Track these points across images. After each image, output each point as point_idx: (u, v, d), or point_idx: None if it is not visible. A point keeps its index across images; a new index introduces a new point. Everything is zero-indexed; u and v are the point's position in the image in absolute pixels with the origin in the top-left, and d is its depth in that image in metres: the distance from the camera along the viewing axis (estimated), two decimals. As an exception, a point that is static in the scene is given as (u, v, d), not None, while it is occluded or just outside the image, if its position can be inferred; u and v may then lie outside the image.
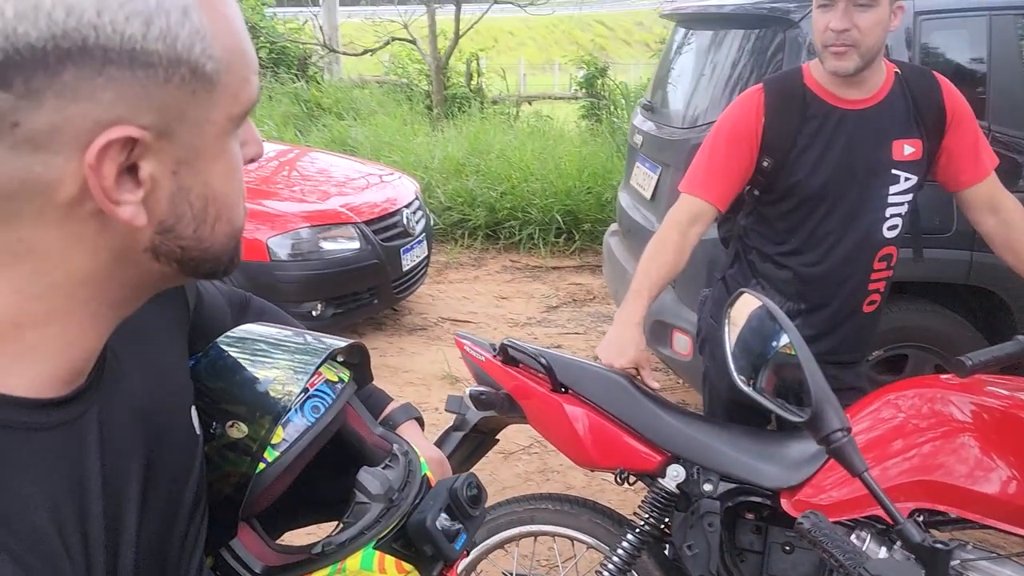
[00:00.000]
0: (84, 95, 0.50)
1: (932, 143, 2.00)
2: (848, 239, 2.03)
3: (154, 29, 0.51)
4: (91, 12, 0.49)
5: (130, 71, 0.51)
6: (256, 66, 0.60)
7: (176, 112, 0.54)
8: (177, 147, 0.55)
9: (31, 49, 0.48)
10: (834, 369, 2.16)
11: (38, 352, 0.58)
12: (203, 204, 0.59)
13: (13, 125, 0.49)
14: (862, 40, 1.88)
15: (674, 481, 1.79)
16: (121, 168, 0.53)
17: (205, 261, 0.62)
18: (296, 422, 0.86)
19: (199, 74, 0.54)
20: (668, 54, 4.17)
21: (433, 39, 10.78)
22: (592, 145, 8.03)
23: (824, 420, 1.11)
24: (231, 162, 0.60)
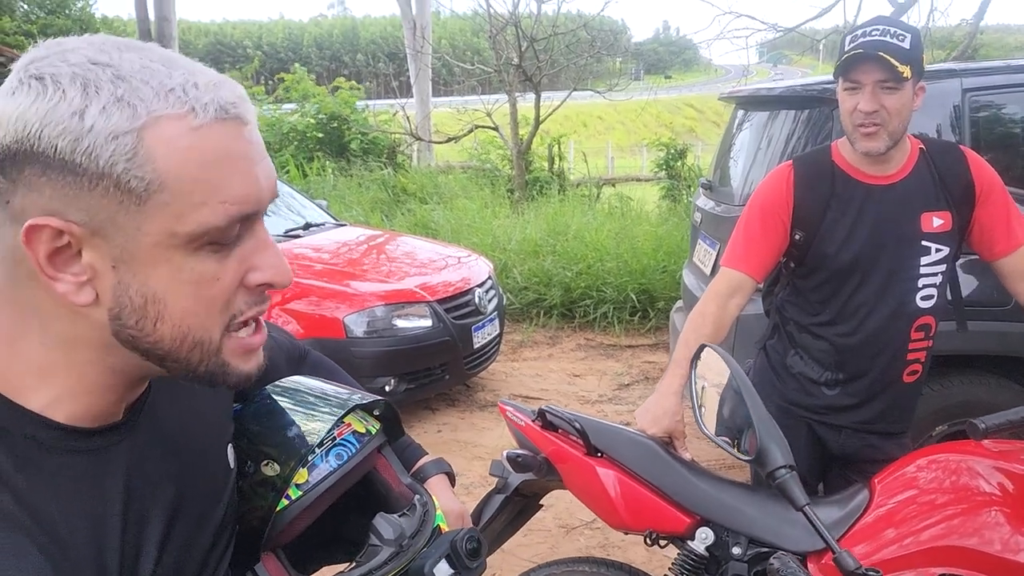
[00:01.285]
0: (35, 188, 0.63)
1: (962, 215, 2.04)
2: (881, 310, 2.07)
3: (80, 146, 0.62)
4: (36, 127, 0.62)
5: (62, 176, 0.63)
6: (237, 197, 0.67)
7: (106, 216, 0.64)
8: (112, 246, 0.65)
9: (11, 150, 0.63)
10: (876, 439, 2.18)
11: (70, 393, 0.71)
12: (143, 302, 0.68)
13: (6, 203, 0.65)
14: (890, 120, 1.95)
15: (703, 544, 1.82)
16: (54, 250, 0.65)
17: (163, 358, 0.71)
18: (321, 466, 0.97)
19: (124, 188, 0.64)
20: (727, 135, 4.29)
21: (514, 126, 11.17)
22: (668, 225, 8.13)
23: (769, 457, 1.17)
24: (180, 275, 0.68)
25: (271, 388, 1.06)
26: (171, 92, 0.64)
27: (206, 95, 0.66)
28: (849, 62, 1.94)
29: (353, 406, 1.04)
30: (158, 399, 0.82)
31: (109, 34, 0.70)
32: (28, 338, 0.70)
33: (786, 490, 1.16)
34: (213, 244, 0.68)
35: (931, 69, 3.26)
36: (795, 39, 11.70)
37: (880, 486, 1.79)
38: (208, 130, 0.65)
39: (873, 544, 1.69)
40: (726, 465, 4.15)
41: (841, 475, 2.25)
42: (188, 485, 0.83)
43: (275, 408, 1.03)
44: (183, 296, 0.69)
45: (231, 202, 0.67)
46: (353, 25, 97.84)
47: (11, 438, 0.68)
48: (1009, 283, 2.08)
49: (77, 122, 0.62)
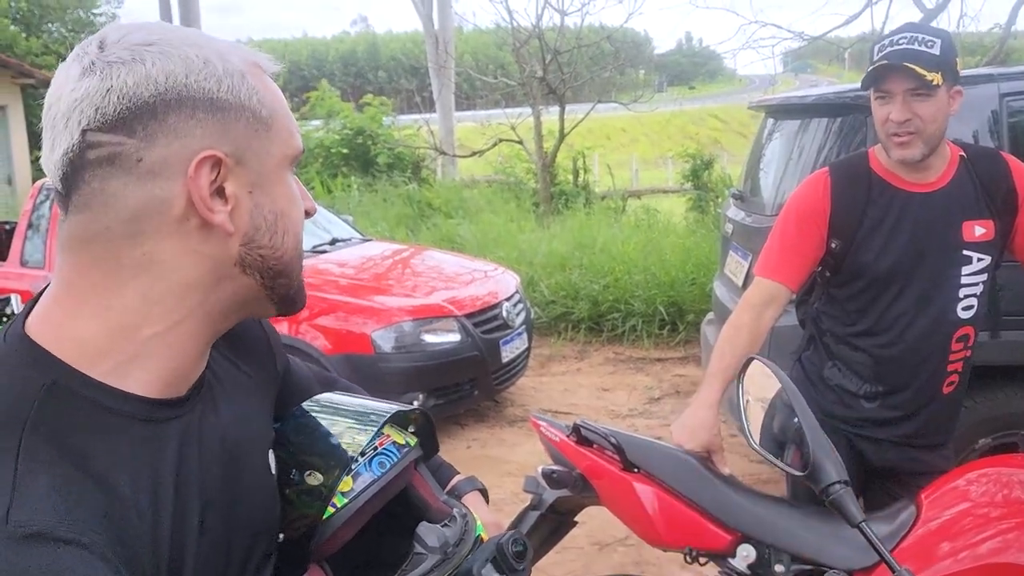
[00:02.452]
0: (183, 133, 0.70)
1: (1004, 223, 1.99)
2: (921, 320, 2.02)
3: (224, 85, 0.72)
4: (182, 75, 0.70)
5: (211, 114, 0.72)
6: (295, 126, 0.81)
7: (246, 144, 0.74)
8: (250, 172, 0.75)
9: (145, 104, 0.69)
10: (918, 452, 2.13)
11: (152, 353, 0.75)
12: (274, 219, 0.77)
13: (138, 161, 0.70)
14: (924, 128, 1.90)
15: (745, 561, 1.78)
16: (212, 184, 0.72)
17: (281, 274, 0.80)
18: (364, 475, 0.97)
19: (258, 117, 0.75)
20: (758, 144, 4.24)
21: (539, 139, 11.18)
22: (696, 236, 8.07)
23: (823, 473, 1.13)
24: (290, 190, 0.80)
25: (306, 405, 1.07)
26: (234, 50, 0.76)
27: (251, 56, 0.78)
28: (876, 73, 1.90)
29: (395, 411, 1.04)
30: (214, 389, 0.85)
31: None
32: (120, 299, 0.73)
33: (841, 506, 1.12)
34: (294, 167, 0.81)
35: (967, 74, 3.20)
36: (820, 48, 11.62)
37: (928, 501, 1.74)
38: (267, 78, 0.78)
39: (923, 561, 1.64)
40: (761, 480, 4.08)
41: (882, 488, 2.19)
42: (230, 477, 0.84)
43: (312, 422, 1.04)
44: (293, 208, 0.80)
45: (296, 134, 0.80)
46: (374, 41, 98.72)
47: (76, 403, 0.71)
48: None
49: (212, 68, 0.72)
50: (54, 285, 0.76)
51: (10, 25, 16.70)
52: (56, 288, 0.76)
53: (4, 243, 6.15)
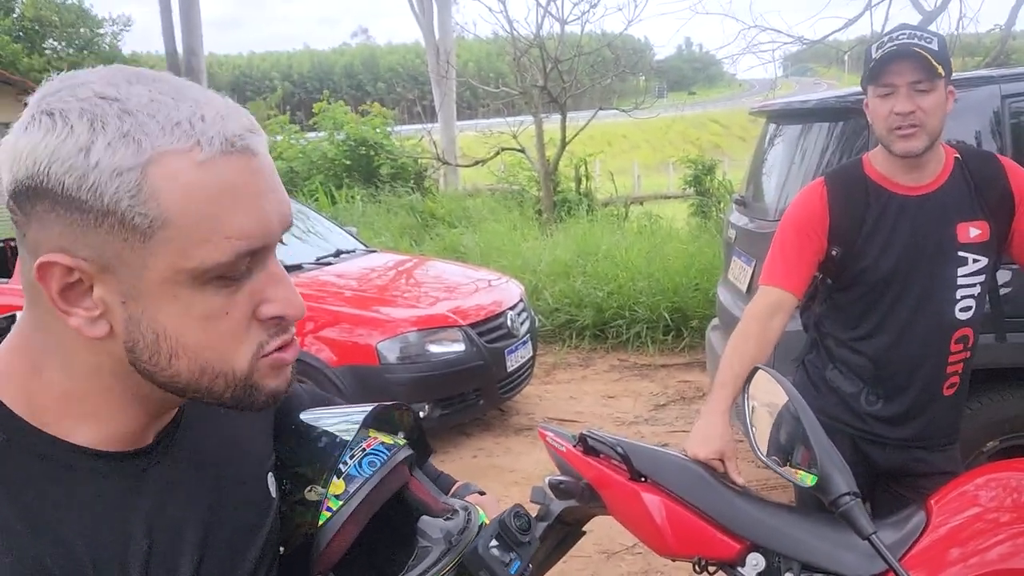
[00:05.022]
0: (46, 224, 0.64)
1: (1000, 225, 1.99)
2: (920, 322, 2.03)
3: (86, 183, 0.62)
4: (44, 162, 0.62)
5: (69, 213, 0.63)
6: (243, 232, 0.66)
7: (113, 253, 0.64)
8: (120, 282, 0.66)
9: (20, 184, 0.64)
10: (922, 452, 2.13)
11: (95, 417, 0.72)
12: (154, 337, 0.68)
13: (23, 235, 0.66)
14: (927, 120, 1.91)
15: (754, 570, 1.77)
16: (67, 285, 0.65)
17: (184, 390, 0.71)
18: (356, 477, 0.96)
19: (128, 225, 0.63)
20: (759, 149, 4.24)
21: (540, 147, 11.19)
22: (700, 242, 8.06)
23: (832, 485, 1.13)
24: (190, 311, 0.67)
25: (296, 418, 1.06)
26: (177, 126, 0.64)
27: (212, 128, 0.65)
28: (882, 62, 1.91)
29: (375, 407, 1.03)
30: (193, 425, 0.82)
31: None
32: (52, 365, 0.70)
33: (851, 518, 1.11)
34: (221, 279, 0.67)
35: (968, 76, 3.21)
36: (820, 51, 11.62)
37: (937, 506, 1.73)
38: (213, 164, 0.64)
39: (933, 567, 1.63)
40: (769, 486, 4.07)
41: (889, 491, 2.18)
42: (224, 512, 0.82)
43: (301, 427, 1.02)
44: (194, 331, 0.68)
45: (236, 237, 0.66)
46: (372, 53, 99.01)
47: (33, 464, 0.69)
48: None
49: (83, 159, 0.62)
50: (17, 323, 0.74)
51: (11, 43, 16.78)
52: (17, 328, 0.74)
53: (9, 261, 6.17)
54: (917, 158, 1.96)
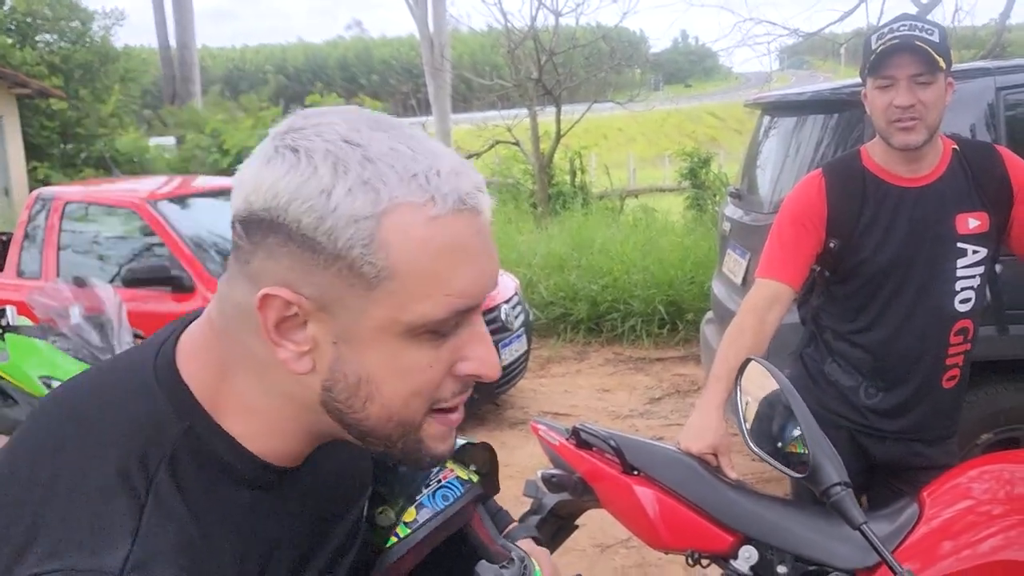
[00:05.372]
0: (275, 256, 0.66)
1: (999, 215, 1.98)
2: (919, 315, 2.02)
3: (323, 225, 0.63)
4: (285, 198, 0.64)
5: (301, 251, 0.65)
6: (463, 291, 0.67)
7: (335, 295, 0.66)
8: (336, 324, 0.67)
9: (255, 215, 0.66)
10: (920, 446, 2.12)
11: (270, 434, 0.74)
12: (356, 380, 0.69)
13: (246, 261, 0.68)
14: (927, 114, 1.90)
15: (747, 563, 1.76)
16: (283, 319, 0.67)
17: (366, 434, 0.73)
18: (427, 507, 0.97)
19: (356, 272, 0.65)
20: (754, 142, 4.23)
21: (535, 140, 11.17)
22: (695, 235, 8.06)
23: (822, 475, 1.12)
24: (394, 361, 0.68)
25: None
26: (414, 178, 0.65)
27: (446, 184, 0.66)
28: (883, 55, 1.89)
29: (461, 444, 1.03)
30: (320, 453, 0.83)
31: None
32: (241, 376, 0.72)
33: (842, 508, 1.11)
34: (430, 333, 0.68)
35: (963, 68, 3.20)
36: (816, 44, 11.62)
37: (930, 499, 1.73)
38: (444, 221, 0.65)
39: (926, 559, 1.63)
40: (763, 479, 4.07)
41: (886, 485, 2.18)
42: (329, 533, 0.85)
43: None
44: (395, 380, 0.69)
45: (455, 295, 0.67)
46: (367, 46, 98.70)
47: (205, 455, 0.71)
48: None
49: (324, 201, 0.63)
50: (208, 317, 0.76)
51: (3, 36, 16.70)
52: (206, 324, 0.75)
53: (0, 254, 6.15)
54: (916, 150, 1.95)
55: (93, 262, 5.29)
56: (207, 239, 5.24)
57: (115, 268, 5.10)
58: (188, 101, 16.27)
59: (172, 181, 6.69)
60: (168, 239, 4.95)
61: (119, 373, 0.77)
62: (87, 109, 13.61)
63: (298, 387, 0.70)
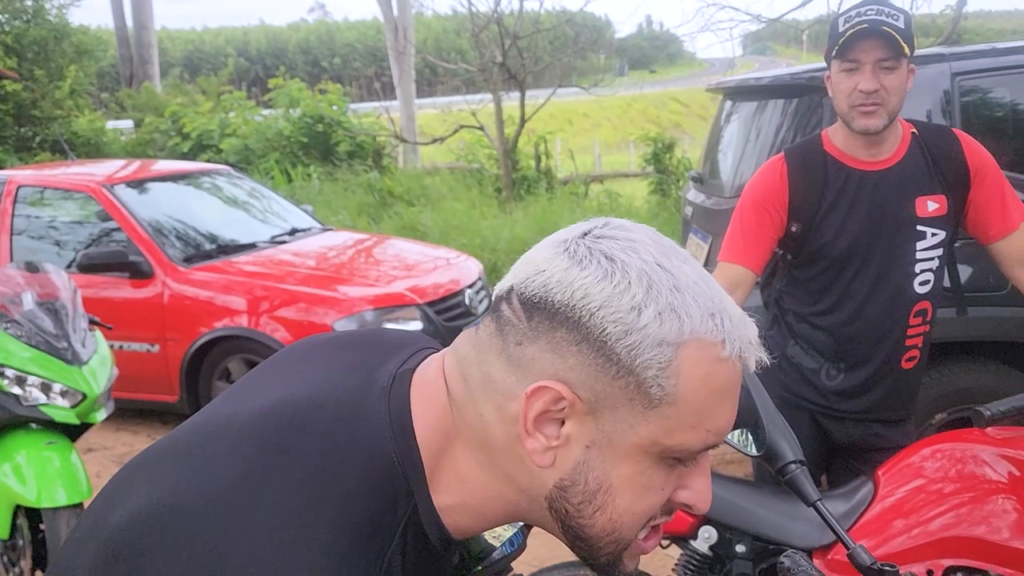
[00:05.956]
0: (559, 351, 0.67)
1: (957, 198, 2.01)
2: (879, 296, 2.04)
3: (628, 340, 0.66)
4: (596, 304, 0.66)
5: (594, 355, 0.66)
6: (719, 430, 0.70)
7: (610, 403, 0.67)
8: (597, 429, 0.69)
9: (551, 305, 0.67)
10: (879, 427, 2.16)
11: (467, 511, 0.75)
12: (596, 487, 0.70)
13: (517, 343, 0.69)
14: (889, 99, 1.92)
15: (706, 543, 1.79)
16: (547, 412, 0.68)
17: (580, 539, 0.73)
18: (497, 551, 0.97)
19: (643, 391, 0.67)
20: (716, 127, 4.26)
21: (500, 125, 11.13)
22: (659, 220, 8.11)
23: (778, 453, 1.14)
24: (639, 478, 0.70)
25: None
26: (712, 317, 0.67)
27: (737, 331, 0.69)
28: (851, 40, 1.90)
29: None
30: None
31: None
32: (463, 446, 0.73)
33: (797, 486, 1.12)
34: (674, 459, 0.71)
35: (921, 54, 3.23)
36: (779, 30, 11.71)
37: (885, 478, 1.77)
38: (727, 364, 0.68)
39: (880, 537, 1.66)
40: (724, 460, 4.12)
41: (845, 465, 2.22)
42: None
43: None
44: (630, 497, 0.71)
45: (713, 432, 0.70)
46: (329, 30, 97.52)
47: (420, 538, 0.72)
48: (1005, 267, 2.06)
49: (634, 317, 0.66)
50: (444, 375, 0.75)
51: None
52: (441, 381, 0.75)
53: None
54: (876, 135, 1.97)
55: (48, 247, 5.20)
56: (166, 224, 5.16)
57: (71, 253, 5.01)
58: (146, 83, 15.97)
59: (130, 165, 6.57)
60: (125, 224, 4.87)
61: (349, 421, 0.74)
62: (42, 91, 13.27)
63: (526, 477, 0.72)
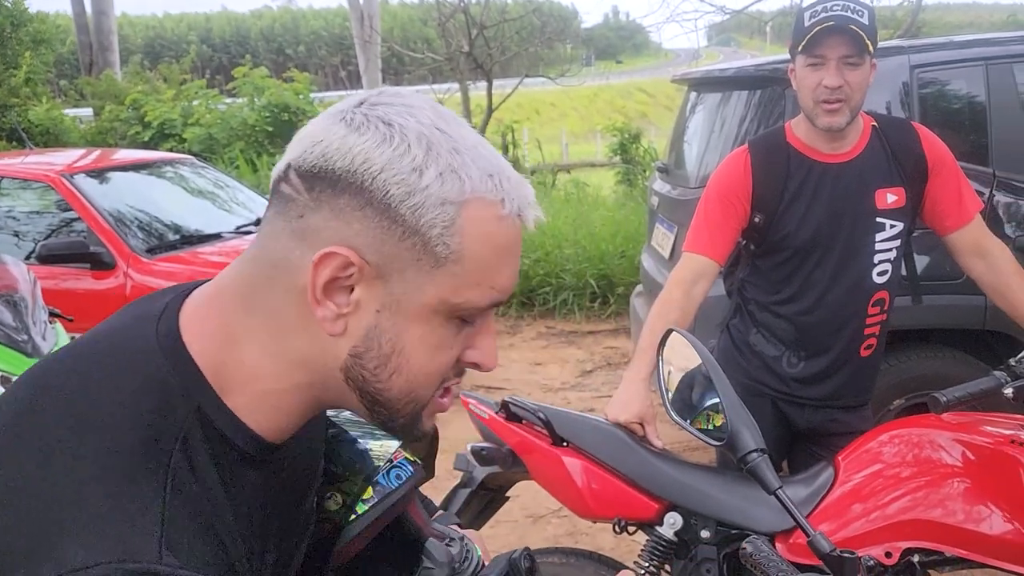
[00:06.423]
0: (344, 217, 0.68)
1: (915, 190, 2.06)
2: (839, 286, 2.09)
3: (411, 201, 0.67)
4: (378, 167, 0.67)
5: (379, 218, 0.67)
6: (503, 287, 0.73)
7: (398, 266, 0.69)
8: (387, 292, 0.70)
9: (332, 172, 0.68)
10: (838, 413, 2.21)
11: (270, 407, 0.75)
12: (389, 350, 0.72)
13: (299, 216, 0.69)
14: (852, 95, 1.95)
15: (672, 529, 1.82)
16: (334, 278, 0.68)
17: (379, 404, 0.75)
18: (383, 485, 0.98)
19: (429, 250, 0.68)
20: (681, 117, 4.29)
21: (467, 114, 11.11)
22: (625, 209, 8.15)
23: (740, 441, 1.17)
24: (430, 337, 0.72)
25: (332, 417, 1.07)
26: (491, 178, 0.70)
27: (514, 191, 0.71)
28: (817, 36, 1.93)
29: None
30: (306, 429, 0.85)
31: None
32: (252, 340, 0.73)
33: (758, 474, 1.15)
34: (461, 319, 0.73)
35: (880, 47, 3.28)
36: (743, 21, 11.79)
37: (844, 463, 1.81)
38: (507, 222, 0.71)
39: (839, 521, 1.70)
40: (689, 448, 4.18)
41: (806, 450, 2.27)
42: (294, 516, 0.86)
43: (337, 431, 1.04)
44: (423, 356, 0.73)
45: (497, 289, 0.73)
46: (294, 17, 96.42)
47: (213, 434, 0.71)
48: (961, 259, 2.11)
49: (416, 178, 0.67)
50: (217, 283, 0.76)
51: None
52: (215, 289, 0.75)
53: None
54: (839, 131, 2.00)
55: (6, 238, 5.10)
56: (128, 214, 5.09)
57: (31, 244, 4.92)
58: (106, 71, 15.68)
59: (90, 154, 6.46)
60: (86, 214, 4.79)
61: (116, 350, 0.73)
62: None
63: (319, 352, 0.72)
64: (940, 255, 2.29)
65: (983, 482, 1.65)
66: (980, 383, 1.71)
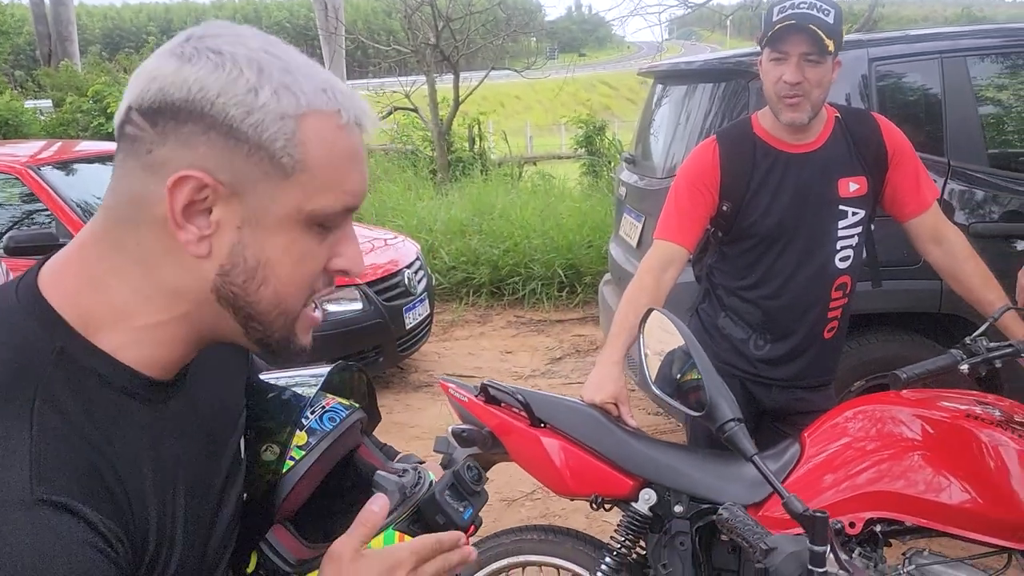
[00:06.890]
0: (190, 144, 0.71)
1: (876, 179, 2.14)
2: (803, 272, 2.17)
3: (251, 119, 0.71)
4: (214, 92, 0.70)
5: (223, 139, 0.71)
6: (353, 191, 0.77)
7: (250, 182, 0.72)
8: (244, 208, 0.73)
9: (172, 104, 0.70)
10: (803, 392, 2.29)
11: (147, 341, 0.77)
12: (255, 263, 0.75)
13: (147, 152, 0.72)
14: (811, 91, 2.02)
15: (646, 504, 1.89)
16: (191, 202, 0.71)
17: (252, 318, 0.78)
18: (317, 429, 1.02)
19: (275, 162, 0.72)
20: (647, 109, 4.36)
21: (434, 106, 11.10)
22: (591, 200, 8.23)
23: (718, 411, 1.23)
24: (293, 247, 0.76)
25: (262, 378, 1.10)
26: (324, 92, 0.74)
27: (348, 102, 0.75)
28: (779, 32, 1.99)
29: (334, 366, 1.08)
30: (196, 373, 0.87)
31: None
32: (119, 280, 0.75)
33: (735, 442, 1.22)
34: (321, 226, 0.77)
35: (840, 40, 3.38)
36: (704, 15, 11.90)
37: (810, 439, 1.89)
38: (347, 130, 0.75)
39: (808, 492, 1.78)
40: (661, 431, 4.27)
41: (772, 428, 2.35)
42: (210, 459, 0.88)
43: (264, 385, 1.07)
44: (288, 266, 0.76)
45: (348, 193, 0.77)
46: (256, 8, 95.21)
47: (81, 373, 0.73)
48: (919, 244, 2.20)
49: (252, 98, 0.70)
50: (76, 239, 0.78)
51: None
52: (76, 244, 0.77)
53: None
54: (803, 125, 2.08)
55: (-30, 231, 5.02)
56: (95, 205, 5.04)
57: (-4, 237, 4.86)
58: (65, 62, 15.40)
59: (53, 145, 6.38)
60: (54, 205, 4.75)
61: None
62: (-48, 69, 12.72)
63: (188, 278, 0.74)
64: (899, 242, 2.39)
65: (941, 454, 1.74)
66: (937, 360, 1.80)
